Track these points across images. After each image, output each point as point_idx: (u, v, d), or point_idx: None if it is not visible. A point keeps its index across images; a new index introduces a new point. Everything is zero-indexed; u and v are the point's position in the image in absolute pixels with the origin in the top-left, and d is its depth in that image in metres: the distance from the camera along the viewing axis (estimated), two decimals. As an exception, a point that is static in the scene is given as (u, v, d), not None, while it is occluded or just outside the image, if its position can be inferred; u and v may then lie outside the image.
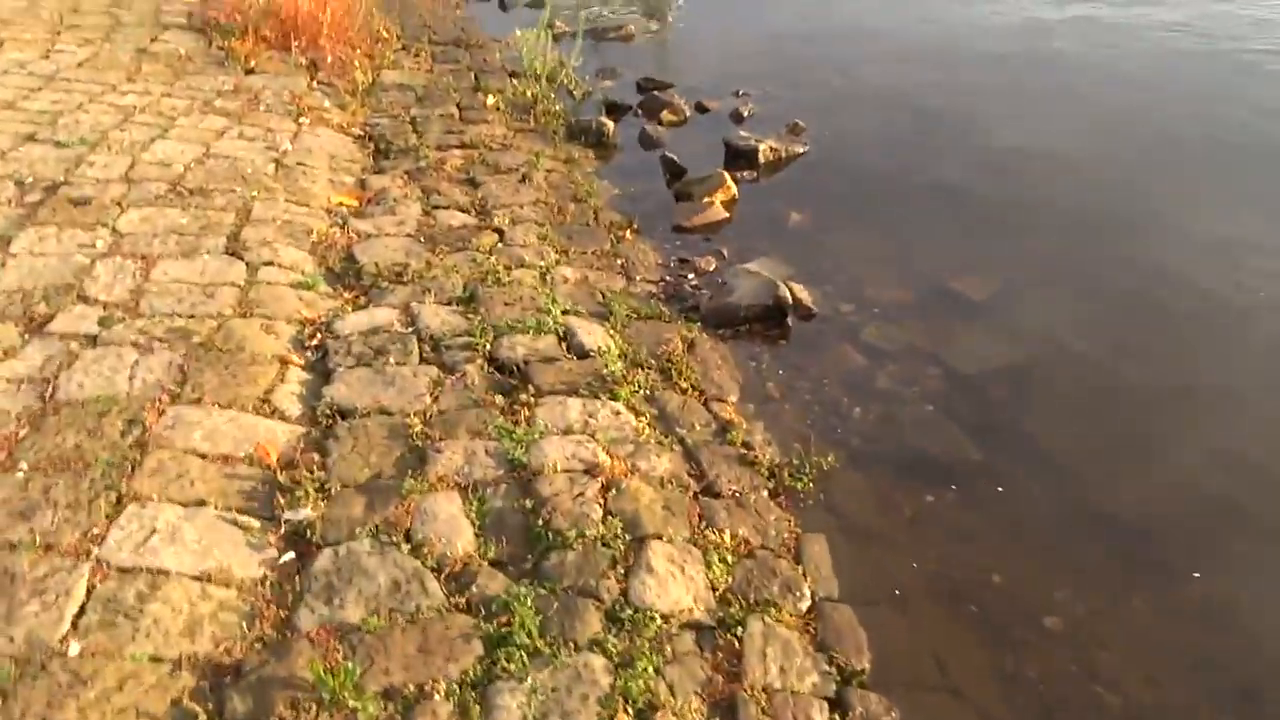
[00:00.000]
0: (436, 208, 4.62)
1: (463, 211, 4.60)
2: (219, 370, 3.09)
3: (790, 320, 3.81)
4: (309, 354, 3.31)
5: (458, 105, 6.18)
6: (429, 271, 3.91)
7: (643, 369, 3.37)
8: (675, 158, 5.43)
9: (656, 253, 4.46)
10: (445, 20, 8.91)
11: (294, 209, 4.40)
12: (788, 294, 3.80)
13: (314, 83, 6.35)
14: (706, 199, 4.90)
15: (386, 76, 6.77)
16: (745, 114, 6.29)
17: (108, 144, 4.81)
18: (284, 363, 3.22)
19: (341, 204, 4.63)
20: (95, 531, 2.41)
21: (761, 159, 5.47)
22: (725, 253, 4.43)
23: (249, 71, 6.33)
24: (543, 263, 4.09)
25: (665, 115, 6.28)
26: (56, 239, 3.82)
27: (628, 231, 4.58)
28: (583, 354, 3.36)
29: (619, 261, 4.30)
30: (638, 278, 4.18)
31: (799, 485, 2.94)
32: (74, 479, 2.55)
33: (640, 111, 6.47)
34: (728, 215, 4.81)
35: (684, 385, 3.32)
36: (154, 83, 5.87)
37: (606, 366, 3.28)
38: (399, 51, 7.52)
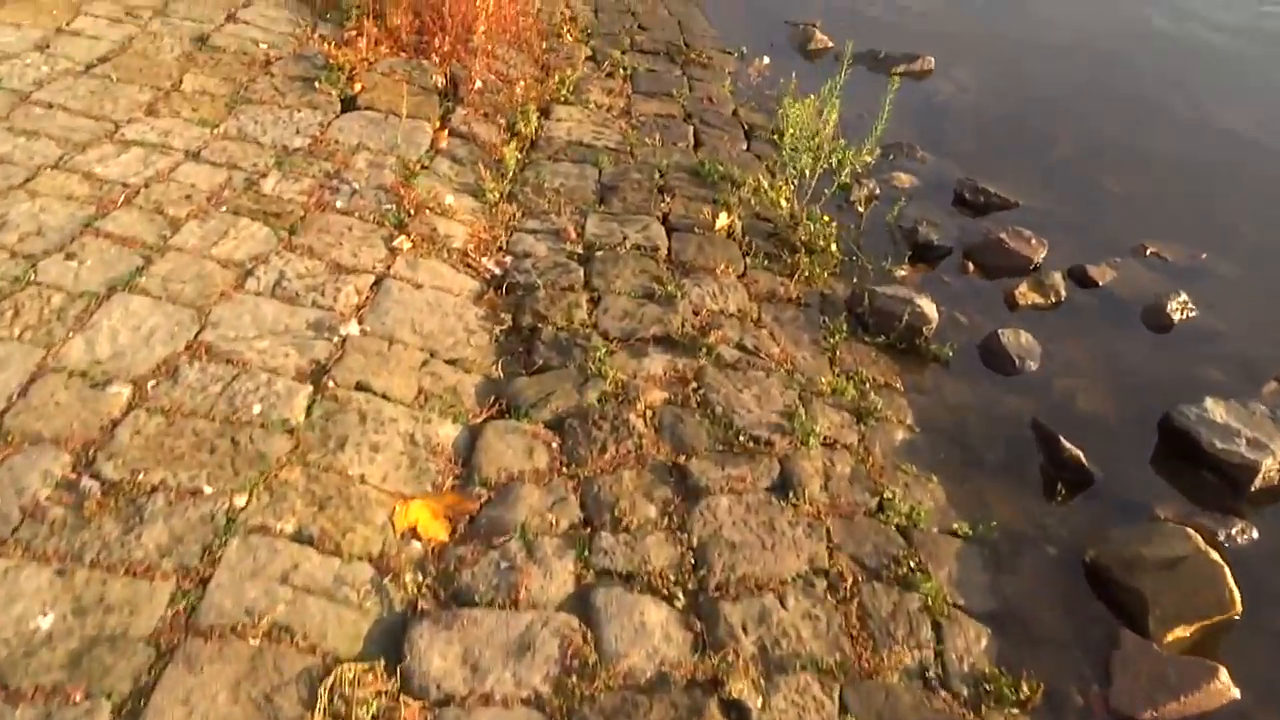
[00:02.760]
0: (604, 574, 2.16)
1: (661, 596, 2.12)
2: None
3: None
4: None
5: (664, 220, 3.63)
6: None
7: None
8: (1080, 456, 2.74)
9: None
10: (655, 1, 6.28)
11: (313, 563, 2.03)
12: None
13: (444, 133, 3.93)
14: (1180, 628, 2.25)
15: (558, 124, 4.28)
16: (1174, 315, 3.48)
17: (19, 306, 2.54)
18: None
19: (416, 529, 2.23)
20: None
21: (1259, 483, 2.73)
22: None
23: (348, 102, 3.96)
24: None
25: (1021, 291, 3.55)
26: None
27: (1024, 731, 2.01)
28: None
29: None
30: None
31: None
32: None
33: (971, 264, 3.76)
34: (1235, 694, 2.16)
35: None
36: (186, 118, 3.57)
37: None
38: (586, 62, 5.01)
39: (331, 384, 2.51)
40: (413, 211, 3.33)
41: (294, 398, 2.43)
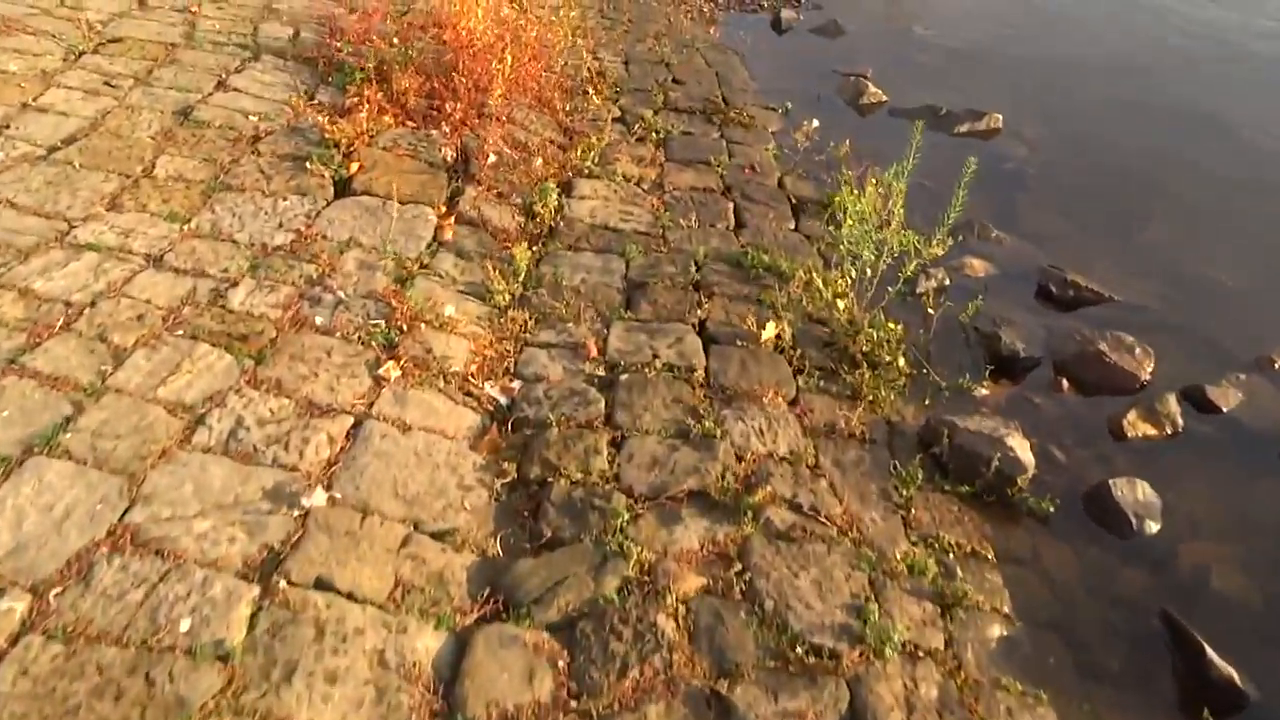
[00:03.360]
0: None
1: None
2: None
3: None
4: None
5: (701, 329, 3.11)
6: None
7: None
8: (1233, 676, 2.16)
9: None
10: (691, 51, 5.81)
11: None
12: None
13: (449, 220, 3.45)
14: None
15: (580, 203, 3.78)
16: (1320, 454, 2.89)
17: (-91, 473, 2.08)
18: None
19: (376, 804, 1.72)
20: None
21: None
22: None
23: (342, 185, 3.50)
24: None
25: (1129, 420, 2.96)
26: None
27: None
28: None
29: None
30: None
31: None
32: None
33: (1065, 380, 3.19)
34: None
35: None
36: (154, 212, 3.12)
37: None
38: (614, 125, 4.53)
39: (284, 583, 2.00)
40: (405, 327, 2.84)
41: (234, 607, 1.93)
